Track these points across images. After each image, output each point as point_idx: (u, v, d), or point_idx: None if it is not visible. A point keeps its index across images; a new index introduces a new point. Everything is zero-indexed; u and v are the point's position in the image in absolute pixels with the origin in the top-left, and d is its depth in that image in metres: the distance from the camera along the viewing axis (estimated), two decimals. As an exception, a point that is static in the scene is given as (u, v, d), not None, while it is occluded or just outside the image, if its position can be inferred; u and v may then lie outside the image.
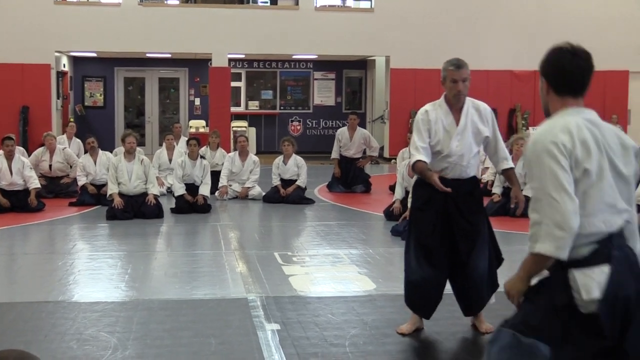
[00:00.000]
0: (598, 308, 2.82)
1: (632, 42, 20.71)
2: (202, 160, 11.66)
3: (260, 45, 19.46)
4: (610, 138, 3.02)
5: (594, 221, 2.89)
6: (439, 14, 19.93)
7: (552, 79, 3.13)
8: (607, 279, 2.83)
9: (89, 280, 6.98)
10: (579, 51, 3.17)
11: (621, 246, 2.93)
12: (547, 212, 2.84)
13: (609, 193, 2.92)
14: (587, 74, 3.19)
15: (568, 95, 3.12)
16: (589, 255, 2.87)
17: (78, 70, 21.69)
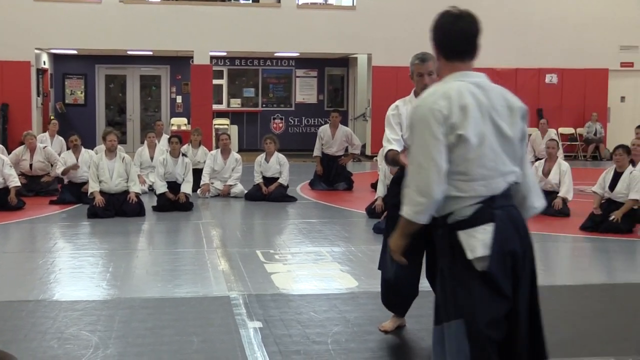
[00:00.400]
0: (488, 265, 2.92)
1: (611, 40, 20.88)
2: (184, 158, 11.62)
3: (242, 43, 19.43)
4: (497, 100, 3.05)
5: (474, 185, 2.96)
6: (420, 12, 19.92)
7: (439, 44, 3.15)
8: (491, 236, 2.92)
9: (70, 278, 6.94)
10: (463, 14, 3.17)
11: (504, 206, 3.01)
12: (414, 178, 2.97)
13: (490, 157, 2.98)
14: (472, 37, 3.18)
15: (456, 60, 3.12)
16: (472, 216, 2.96)
17: (58, 68, 21.54)
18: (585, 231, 9.40)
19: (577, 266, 7.98)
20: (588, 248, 8.82)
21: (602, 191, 9.73)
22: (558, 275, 7.45)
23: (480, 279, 2.94)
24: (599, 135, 20.65)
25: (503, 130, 3.03)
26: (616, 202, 9.50)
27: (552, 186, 10.80)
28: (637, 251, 8.53)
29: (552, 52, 20.60)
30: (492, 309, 2.96)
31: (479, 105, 3.00)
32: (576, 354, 4.85)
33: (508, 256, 2.95)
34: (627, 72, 21.28)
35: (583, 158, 20.61)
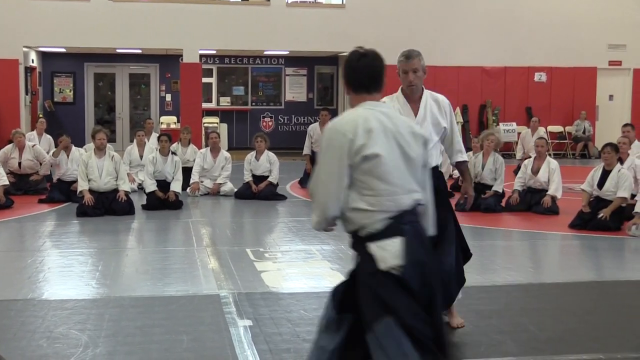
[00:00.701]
0: (402, 272, 3.16)
1: (600, 39, 20.97)
2: (174, 157, 11.60)
3: (231, 41, 19.40)
4: (402, 126, 3.34)
5: (382, 200, 3.21)
6: (409, 10, 20.00)
7: (347, 79, 3.48)
8: (400, 248, 3.18)
9: (59, 277, 6.92)
10: (368, 53, 3.52)
11: (412, 221, 3.28)
12: (317, 191, 3.27)
13: (395, 174, 3.24)
14: (376, 73, 3.44)
15: (363, 92, 3.40)
16: (382, 230, 3.22)
17: (47, 66, 21.44)
18: (574, 229, 9.43)
19: (566, 264, 8.01)
20: (577, 246, 8.86)
21: (590, 189, 9.78)
22: (547, 272, 7.48)
23: (397, 282, 3.16)
24: (588, 134, 20.73)
25: (407, 153, 3.29)
26: (605, 200, 9.54)
27: (541, 184, 10.84)
28: (625, 249, 8.57)
29: (541, 51, 20.67)
30: (412, 306, 3.17)
31: (384, 129, 3.27)
32: (565, 351, 4.87)
33: (417, 264, 3.19)
34: (615, 71, 21.38)
35: (572, 156, 20.69)
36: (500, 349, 4.89)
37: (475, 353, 4.85)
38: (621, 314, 5.80)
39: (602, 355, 4.79)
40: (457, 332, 5.17)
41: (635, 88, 21.45)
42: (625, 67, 21.40)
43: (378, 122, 3.27)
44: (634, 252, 8.41)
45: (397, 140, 3.29)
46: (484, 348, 4.91)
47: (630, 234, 8.98)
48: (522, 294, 6.34)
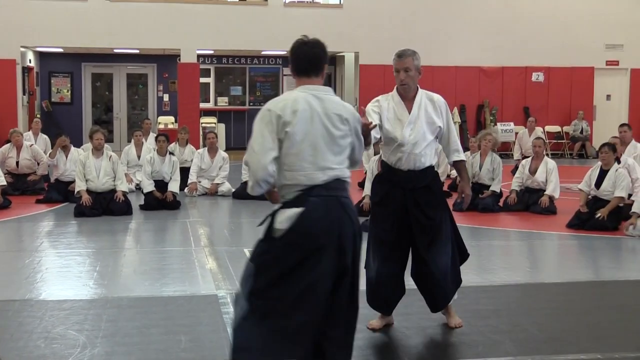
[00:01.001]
0: (283, 234, 3.62)
1: (597, 39, 20.99)
2: (171, 157, 11.60)
3: (229, 41, 19.40)
4: (331, 109, 3.70)
5: (295, 175, 3.62)
6: (407, 11, 20.01)
7: (291, 63, 3.97)
8: (296, 216, 3.57)
9: (56, 278, 6.92)
10: (309, 41, 3.98)
11: (321, 194, 3.63)
12: (251, 160, 3.64)
13: (309, 153, 3.62)
14: (316, 58, 3.89)
15: (303, 76, 3.86)
16: (292, 200, 3.64)
17: (44, 66, 21.42)
18: (572, 229, 9.44)
19: (564, 264, 8.02)
20: (574, 246, 8.86)
21: (588, 189, 9.78)
22: (545, 272, 7.48)
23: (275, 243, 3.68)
24: (585, 134, 20.75)
25: (332, 133, 3.67)
26: (602, 200, 9.55)
27: (538, 184, 10.85)
28: (623, 248, 8.58)
29: (539, 51, 20.69)
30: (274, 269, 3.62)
31: (311, 110, 3.64)
32: (563, 351, 4.87)
33: (308, 235, 3.56)
34: (612, 71, 21.40)
35: (569, 156, 20.71)
36: (499, 349, 4.89)
37: (473, 353, 4.86)
38: (619, 314, 5.80)
39: (600, 355, 4.80)
40: (455, 332, 5.17)
41: (633, 88, 21.49)
42: (623, 67, 21.43)
43: (307, 104, 3.66)
44: (631, 252, 8.42)
45: (323, 122, 3.65)
46: (482, 348, 4.91)
47: (627, 234, 8.99)
48: (520, 294, 6.34)
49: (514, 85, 20.76)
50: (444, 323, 5.33)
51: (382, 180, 5.22)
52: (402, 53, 5.18)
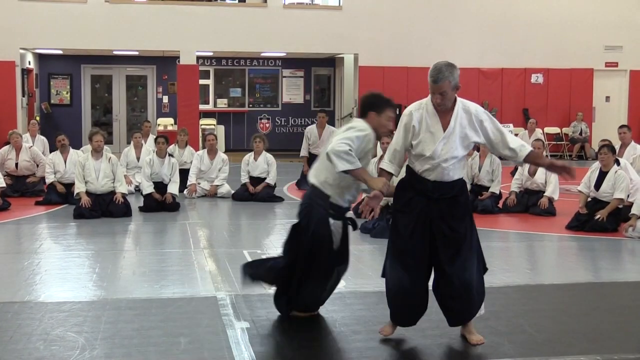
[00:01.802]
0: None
1: (596, 40, 21.00)
2: (171, 159, 11.60)
3: (228, 42, 19.41)
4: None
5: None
6: (406, 12, 20.02)
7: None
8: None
9: (56, 280, 6.91)
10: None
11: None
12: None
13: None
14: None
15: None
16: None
17: (44, 68, 21.43)
18: (571, 230, 9.44)
19: (564, 265, 8.02)
20: (574, 247, 8.86)
21: (587, 190, 9.79)
22: (544, 274, 7.48)
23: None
24: (585, 135, 20.75)
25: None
26: (602, 202, 9.56)
27: (538, 185, 10.85)
28: (622, 250, 8.58)
29: (538, 52, 20.71)
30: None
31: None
32: (563, 352, 4.87)
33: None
34: (611, 72, 21.42)
35: (569, 157, 20.71)
36: (498, 350, 4.89)
37: (472, 355, 4.85)
38: (618, 316, 5.80)
39: (599, 356, 4.80)
40: (454, 334, 5.16)
41: (632, 89, 21.50)
42: (622, 69, 21.44)
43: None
44: (630, 253, 8.42)
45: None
46: (481, 350, 4.90)
47: (627, 235, 8.99)
48: (519, 295, 6.34)
49: (513, 87, 20.77)
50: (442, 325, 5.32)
51: (406, 186, 5.00)
52: (436, 78, 4.75)
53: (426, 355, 4.92)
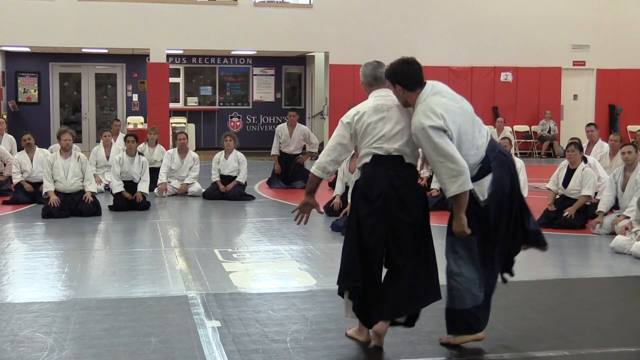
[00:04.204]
0: (488, 201, 4.62)
1: (564, 39, 21.24)
2: (141, 157, 11.52)
3: (198, 41, 19.33)
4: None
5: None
6: (377, 11, 20.08)
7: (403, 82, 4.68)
8: (490, 183, 4.61)
9: (24, 280, 6.84)
10: (410, 60, 4.72)
11: (494, 157, 4.70)
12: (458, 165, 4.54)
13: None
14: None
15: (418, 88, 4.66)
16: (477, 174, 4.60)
17: (11, 66, 21.16)
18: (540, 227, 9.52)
19: (532, 262, 8.08)
20: (542, 244, 8.93)
21: (555, 188, 9.90)
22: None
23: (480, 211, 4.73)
24: (553, 133, 20.98)
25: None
26: (570, 199, 9.67)
27: (507, 183, 10.93)
28: (590, 246, 8.69)
29: (507, 51, 20.89)
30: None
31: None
32: (532, 348, 4.92)
33: (500, 193, 4.77)
34: (579, 71, 21.67)
35: (537, 155, 20.92)
36: (468, 346, 4.92)
37: (442, 351, 4.89)
38: (586, 311, 5.88)
39: (568, 351, 4.86)
40: (423, 332, 5.19)
41: (599, 88, 21.78)
42: (589, 67, 21.71)
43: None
44: (598, 250, 8.53)
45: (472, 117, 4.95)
46: (450, 346, 4.94)
47: (594, 232, 9.11)
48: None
49: (483, 85, 20.92)
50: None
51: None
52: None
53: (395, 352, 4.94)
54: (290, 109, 15.41)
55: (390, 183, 4.67)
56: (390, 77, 4.72)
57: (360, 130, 4.76)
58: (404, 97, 4.69)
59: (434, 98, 4.61)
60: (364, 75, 4.96)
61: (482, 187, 4.60)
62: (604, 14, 21.41)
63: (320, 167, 4.92)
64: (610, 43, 21.41)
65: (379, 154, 4.72)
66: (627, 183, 9.05)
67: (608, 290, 6.75)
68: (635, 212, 8.30)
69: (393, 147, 4.70)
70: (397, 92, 4.70)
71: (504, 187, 4.68)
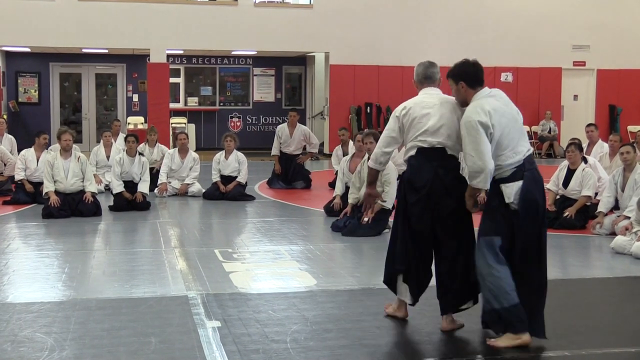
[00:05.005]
0: (517, 205, 4.81)
1: (564, 40, 21.23)
2: (141, 157, 11.52)
3: (199, 41, 19.33)
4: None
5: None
6: (377, 11, 20.08)
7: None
8: (519, 189, 4.81)
9: (24, 280, 6.84)
10: (475, 62, 5.19)
11: (530, 169, 4.88)
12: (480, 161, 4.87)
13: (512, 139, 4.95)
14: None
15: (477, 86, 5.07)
16: (509, 176, 4.84)
17: (11, 66, 21.16)
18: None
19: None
20: (543, 244, 8.93)
21: (556, 188, 9.89)
22: (514, 271, 7.53)
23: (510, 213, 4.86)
24: (553, 133, 20.98)
25: (517, 118, 5.10)
26: (570, 199, 9.67)
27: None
28: (590, 247, 8.69)
29: (507, 51, 20.88)
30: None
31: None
32: (532, 348, 4.92)
33: (529, 202, 4.88)
34: (579, 71, 21.67)
35: (538, 156, 20.91)
36: (469, 347, 4.93)
37: (442, 351, 4.89)
38: (586, 311, 5.88)
39: (568, 352, 4.86)
40: (423, 332, 5.20)
41: (599, 88, 21.77)
42: (589, 68, 21.71)
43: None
44: (598, 250, 8.53)
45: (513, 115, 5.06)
46: (452, 347, 4.94)
47: (594, 233, 9.11)
48: (489, 292, 6.38)
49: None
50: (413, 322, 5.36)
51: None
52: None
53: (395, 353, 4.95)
54: (291, 109, 15.41)
55: (435, 172, 5.07)
56: (455, 75, 5.12)
57: (407, 124, 5.20)
58: (464, 94, 5.04)
59: (488, 99, 4.93)
60: (416, 74, 5.52)
61: (510, 189, 4.81)
62: (604, 14, 21.40)
63: (374, 159, 5.38)
64: (610, 43, 21.41)
65: (423, 146, 5.13)
66: (627, 183, 9.05)
67: (608, 290, 6.75)
68: (635, 212, 8.31)
69: (436, 140, 5.10)
70: (459, 89, 5.07)
71: (538, 199, 4.90)
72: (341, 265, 7.48)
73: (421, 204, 5.09)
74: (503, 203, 4.84)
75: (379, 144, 5.38)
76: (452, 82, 5.16)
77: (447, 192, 5.05)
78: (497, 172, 4.85)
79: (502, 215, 4.85)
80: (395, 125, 5.25)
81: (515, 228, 4.83)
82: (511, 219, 4.83)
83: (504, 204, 4.84)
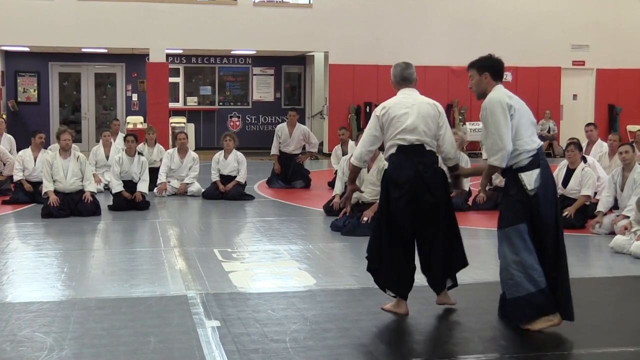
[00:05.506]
0: (537, 191, 5.09)
1: (563, 39, 21.24)
2: (140, 157, 11.52)
3: (198, 40, 19.32)
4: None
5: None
6: (377, 10, 20.08)
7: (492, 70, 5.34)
8: (538, 176, 5.10)
9: (23, 280, 6.83)
10: (499, 58, 5.42)
11: (543, 158, 5.19)
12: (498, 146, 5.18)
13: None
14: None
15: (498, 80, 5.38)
16: (527, 165, 5.12)
17: (10, 65, 21.15)
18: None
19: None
20: (542, 244, 8.93)
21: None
22: (513, 270, 7.53)
23: (529, 200, 5.14)
24: (552, 133, 20.97)
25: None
26: (569, 199, 9.67)
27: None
28: (590, 246, 8.69)
29: (506, 51, 20.65)
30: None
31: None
32: (531, 349, 4.92)
33: (547, 188, 5.22)
34: (578, 71, 21.67)
35: (537, 155, 20.89)
36: (468, 346, 4.93)
37: (442, 351, 4.89)
38: (586, 311, 5.87)
39: (567, 352, 4.86)
40: (423, 330, 5.20)
41: (598, 87, 21.78)
42: (589, 67, 21.71)
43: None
44: (597, 249, 8.53)
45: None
46: (451, 346, 4.94)
47: (594, 232, 9.11)
48: (488, 292, 6.37)
49: (482, 85, 20.90)
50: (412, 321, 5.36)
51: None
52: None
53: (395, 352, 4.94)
54: (290, 108, 15.41)
55: (415, 168, 5.39)
56: (481, 66, 5.32)
57: (387, 123, 5.49)
58: (485, 85, 5.32)
59: (507, 91, 5.29)
60: (394, 76, 5.72)
61: (530, 177, 5.09)
62: (603, 14, 21.41)
63: (357, 157, 5.64)
64: (609, 43, 21.41)
65: (403, 144, 5.45)
66: (626, 182, 9.05)
67: (608, 290, 6.76)
68: (634, 211, 8.31)
69: (415, 138, 5.43)
70: (482, 80, 5.32)
71: (554, 183, 5.32)
72: (340, 264, 7.48)
73: (404, 198, 5.40)
74: (521, 190, 5.10)
75: (363, 143, 5.62)
76: (475, 72, 5.37)
77: (427, 188, 5.40)
78: (515, 162, 5.13)
79: (520, 202, 5.11)
80: (377, 124, 5.53)
81: (534, 212, 5.10)
82: (530, 203, 5.09)
83: (522, 191, 5.10)
